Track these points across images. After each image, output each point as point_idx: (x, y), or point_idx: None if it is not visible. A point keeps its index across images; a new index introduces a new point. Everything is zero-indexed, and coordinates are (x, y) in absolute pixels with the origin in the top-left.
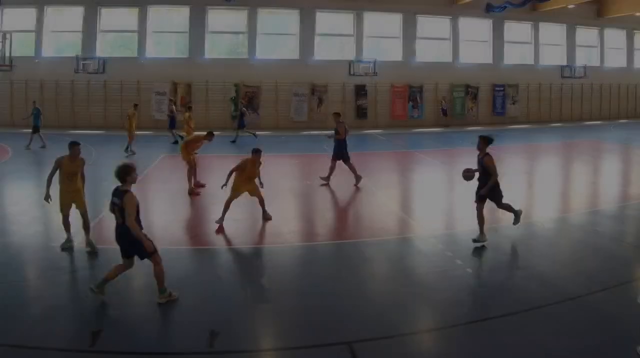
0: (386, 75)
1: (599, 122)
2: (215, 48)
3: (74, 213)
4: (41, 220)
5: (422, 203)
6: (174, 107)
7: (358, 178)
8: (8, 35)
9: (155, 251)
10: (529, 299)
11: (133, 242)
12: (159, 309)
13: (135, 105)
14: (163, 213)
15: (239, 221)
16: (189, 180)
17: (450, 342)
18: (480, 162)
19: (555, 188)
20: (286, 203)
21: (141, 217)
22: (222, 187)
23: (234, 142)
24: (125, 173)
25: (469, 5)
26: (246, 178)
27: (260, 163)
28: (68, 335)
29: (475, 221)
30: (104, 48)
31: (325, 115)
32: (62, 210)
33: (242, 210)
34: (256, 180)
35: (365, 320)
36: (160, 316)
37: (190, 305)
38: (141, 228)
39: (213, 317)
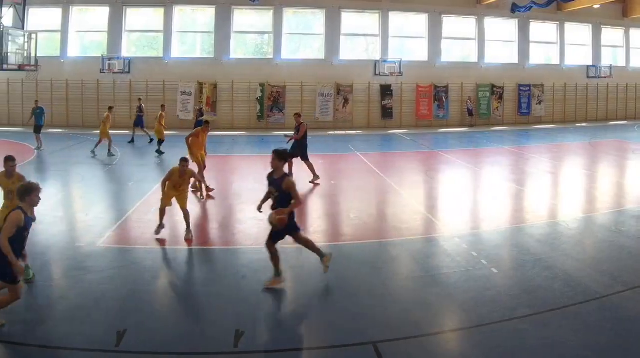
0: (411, 75)
1: (624, 122)
2: (241, 48)
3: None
4: (65, 220)
5: (447, 203)
6: (143, 105)
7: (316, 176)
8: (34, 36)
9: (18, 281)
10: (553, 299)
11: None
12: (185, 309)
13: (110, 108)
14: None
15: (263, 221)
16: (203, 179)
17: (475, 342)
18: (276, 184)
19: (580, 188)
20: (311, 203)
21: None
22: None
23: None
24: (25, 193)
25: (494, 5)
26: (172, 186)
27: (186, 171)
28: (93, 335)
29: (499, 221)
30: (129, 48)
31: (351, 115)
32: None
33: (266, 211)
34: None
35: (390, 320)
36: (186, 316)
37: (215, 305)
38: (19, 252)
39: (238, 316)
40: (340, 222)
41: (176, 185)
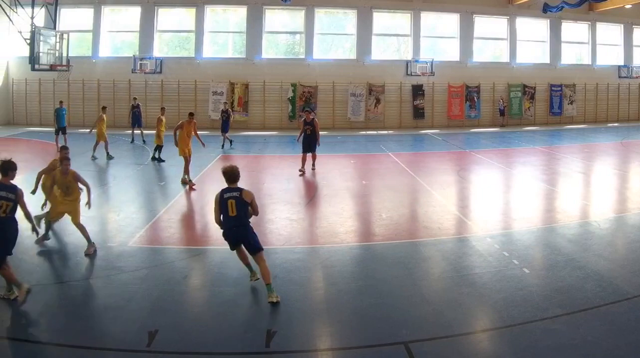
0: (443, 75)
1: None
2: (272, 48)
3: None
4: (97, 220)
5: (479, 203)
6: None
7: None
8: (65, 36)
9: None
10: (585, 299)
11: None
12: (216, 309)
13: (104, 108)
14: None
15: (295, 221)
16: (187, 172)
17: (507, 342)
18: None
19: (612, 188)
20: (343, 202)
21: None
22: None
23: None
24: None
25: (525, 5)
26: (58, 189)
27: (68, 171)
28: (124, 335)
29: (531, 221)
30: (160, 48)
31: (383, 115)
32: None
33: (298, 210)
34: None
35: (422, 320)
36: (217, 316)
37: (246, 304)
38: None
39: (269, 316)
40: (372, 222)
41: (61, 187)
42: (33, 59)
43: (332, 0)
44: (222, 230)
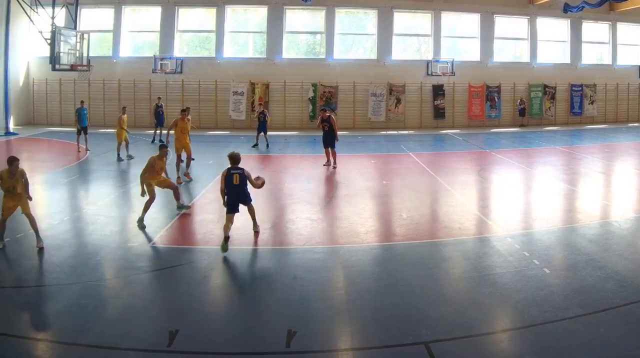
0: (464, 75)
1: None
2: (293, 48)
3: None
4: (118, 220)
5: (499, 203)
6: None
7: (334, 164)
8: (86, 36)
9: None
10: (606, 299)
11: None
12: (236, 309)
13: (124, 108)
14: (239, 213)
15: (315, 221)
16: (178, 167)
17: (527, 342)
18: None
19: (633, 188)
20: (363, 202)
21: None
22: None
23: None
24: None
25: (546, 5)
26: (6, 192)
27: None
28: (145, 335)
29: (551, 221)
30: (181, 48)
31: (404, 115)
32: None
33: (318, 210)
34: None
35: (443, 320)
36: (238, 316)
37: (267, 304)
38: None
39: (290, 316)
40: (392, 222)
41: (9, 188)
42: (54, 59)
43: (353, 0)
44: (225, 201)
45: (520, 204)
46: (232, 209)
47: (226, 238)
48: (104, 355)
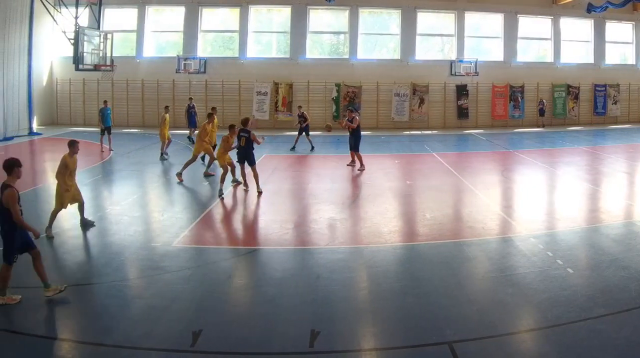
0: (487, 75)
1: None
2: (316, 48)
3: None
4: (141, 220)
5: (523, 203)
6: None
7: (362, 166)
8: (109, 36)
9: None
10: (629, 299)
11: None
12: (259, 309)
13: (166, 107)
14: (263, 213)
15: (339, 221)
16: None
17: (551, 342)
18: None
19: None
20: (387, 202)
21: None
22: None
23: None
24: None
25: (569, 5)
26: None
27: None
28: (168, 335)
29: (575, 221)
30: (204, 48)
31: (427, 115)
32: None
33: (341, 210)
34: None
35: (466, 320)
36: (261, 316)
37: (290, 304)
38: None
39: (313, 316)
40: (416, 222)
41: (73, 169)
42: (77, 59)
43: (376, 0)
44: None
45: (544, 204)
46: (240, 162)
47: (240, 183)
48: (127, 354)
